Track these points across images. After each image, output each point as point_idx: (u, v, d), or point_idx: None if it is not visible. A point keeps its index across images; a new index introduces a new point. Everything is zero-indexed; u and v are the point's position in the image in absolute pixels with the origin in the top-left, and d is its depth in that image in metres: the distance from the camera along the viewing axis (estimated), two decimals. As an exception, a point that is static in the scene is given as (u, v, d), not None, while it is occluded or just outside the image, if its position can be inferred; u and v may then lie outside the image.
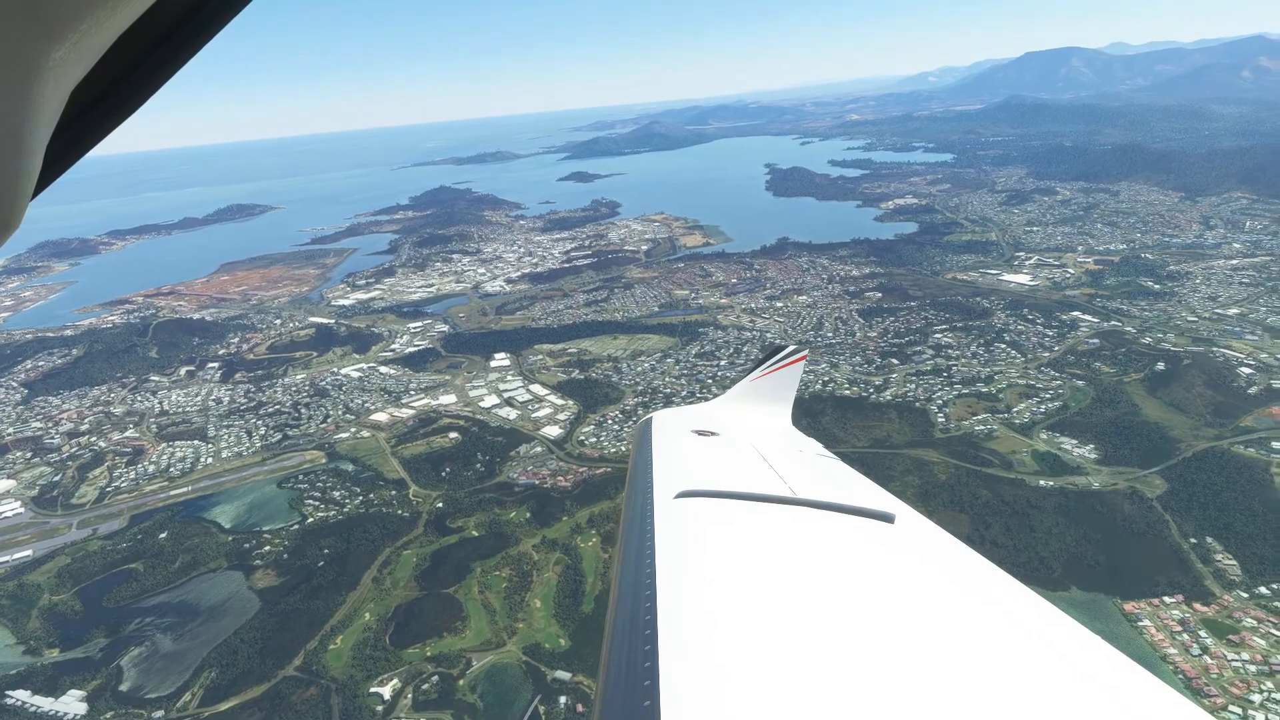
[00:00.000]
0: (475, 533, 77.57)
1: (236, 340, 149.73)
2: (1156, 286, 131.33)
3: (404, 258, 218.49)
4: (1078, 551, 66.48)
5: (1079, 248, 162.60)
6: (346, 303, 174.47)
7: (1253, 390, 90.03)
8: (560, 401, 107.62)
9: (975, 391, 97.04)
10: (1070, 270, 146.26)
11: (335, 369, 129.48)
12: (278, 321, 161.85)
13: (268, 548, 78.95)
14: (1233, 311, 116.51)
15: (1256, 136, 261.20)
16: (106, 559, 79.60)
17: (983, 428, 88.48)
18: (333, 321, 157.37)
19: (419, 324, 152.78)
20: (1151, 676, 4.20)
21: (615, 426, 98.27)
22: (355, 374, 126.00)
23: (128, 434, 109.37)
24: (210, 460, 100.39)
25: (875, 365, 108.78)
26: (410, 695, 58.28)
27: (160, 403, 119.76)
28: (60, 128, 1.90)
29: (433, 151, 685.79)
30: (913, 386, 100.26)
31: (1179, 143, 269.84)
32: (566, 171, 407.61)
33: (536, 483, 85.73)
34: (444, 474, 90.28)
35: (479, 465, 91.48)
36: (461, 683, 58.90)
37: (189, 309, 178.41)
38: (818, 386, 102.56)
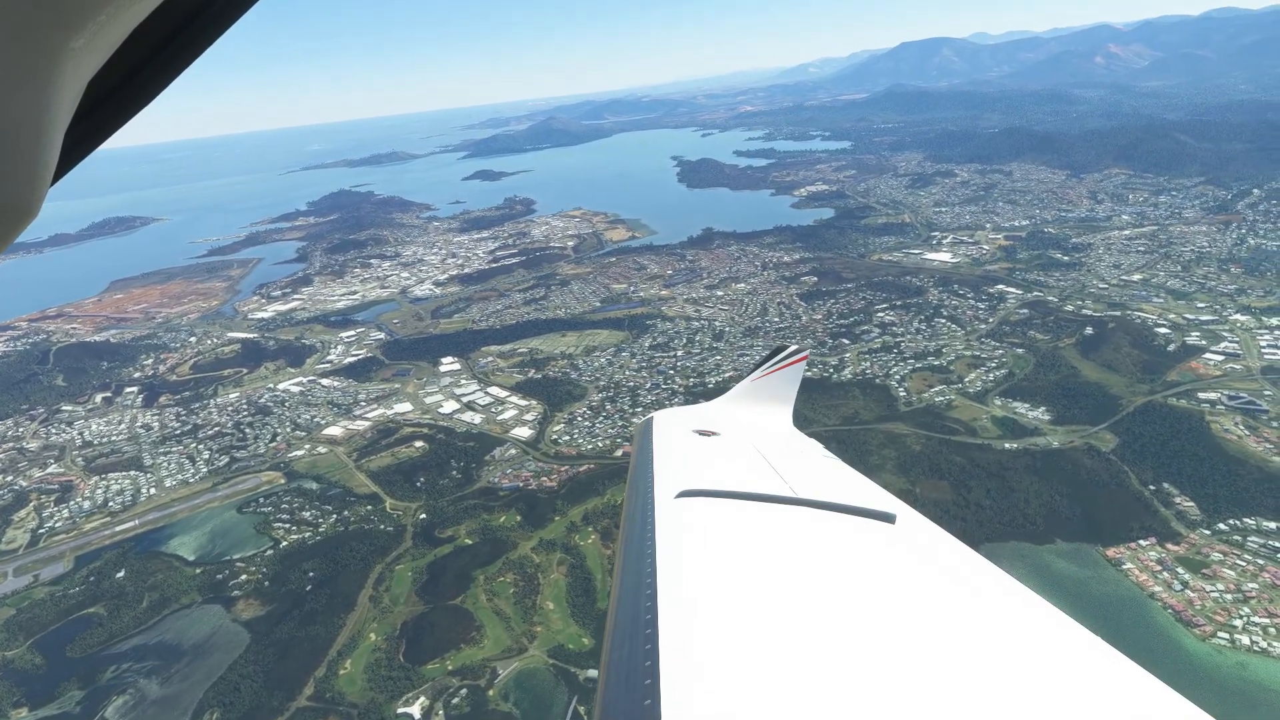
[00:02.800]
0: (468, 541, 75.66)
1: (150, 362, 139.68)
2: (1065, 258, 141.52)
3: (318, 265, 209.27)
4: (1054, 506, 71.29)
5: (987, 225, 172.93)
6: (265, 315, 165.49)
7: (1171, 348, 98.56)
8: (523, 402, 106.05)
9: (928, 365, 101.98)
10: (985, 247, 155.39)
11: (271, 385, 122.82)
12: (192, 339, 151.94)
13: (244, 576, 74.45)
14: (1136, 277, 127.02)
15: (1119, 117, 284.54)
16: (59, 606, 73.08)
17: (941, 399, 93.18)
18: (258, 336, 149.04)
19: (352, 333, 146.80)
20: (1152, 677, 4.25)
21: (586, 423, 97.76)
22: (295, 389, 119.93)
23: (50, 470, 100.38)
24: (153, 491, 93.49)
25: (828, 346, 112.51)
26: (441, 711, 56.45)
27: (80, 434, 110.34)
28: (76, 119, 1.90)
29: (319, 154, 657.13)
30: (868, 364, 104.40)
31: (1053, 124, 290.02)
32: (470, 170, 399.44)
33: (521, 485, 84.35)
34: (419, 484, 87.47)
35: (454, 473, 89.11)
36: (492, 693, 57.55)
37: (86, 331, 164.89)
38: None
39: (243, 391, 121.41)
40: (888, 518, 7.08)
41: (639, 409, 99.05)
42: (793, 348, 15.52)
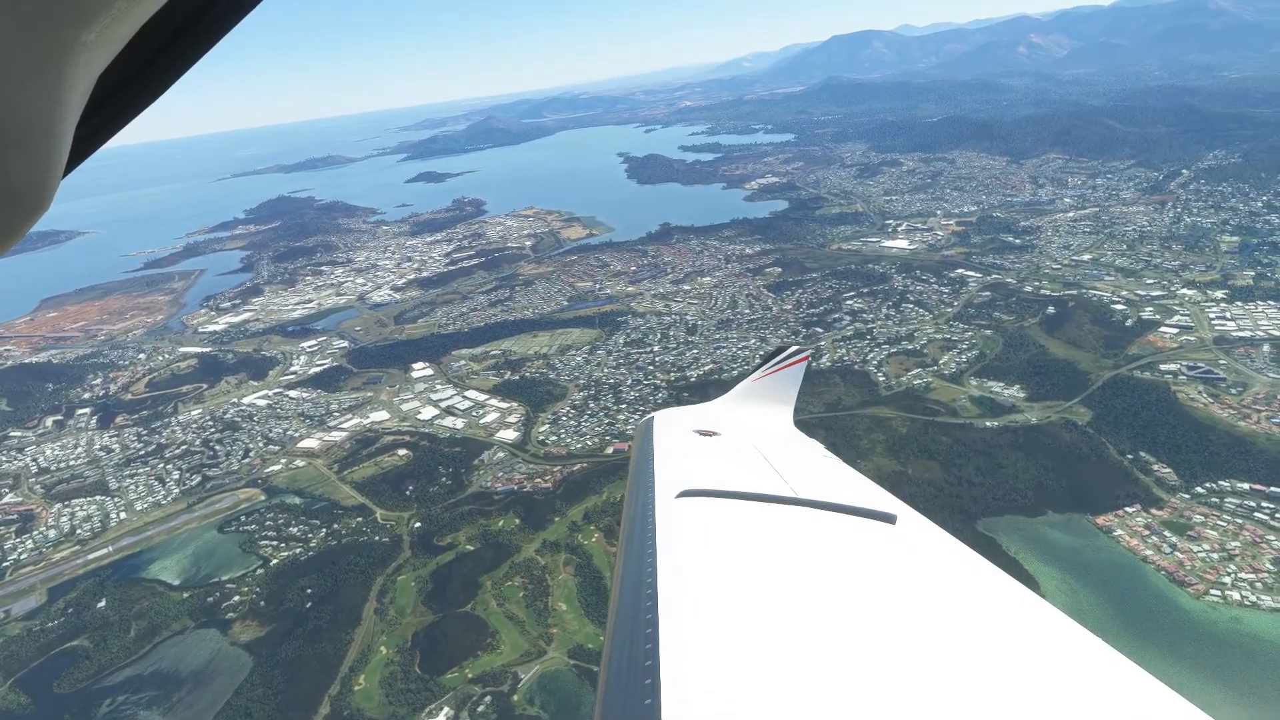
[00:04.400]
0: (469, 547, 74.64)
1: (99, 381, 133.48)
2: (1017, 241, 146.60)
3: (266, 275, 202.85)
4: (1041, 479, 73.99)
5: (938, 212, 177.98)
6: (217, 328, 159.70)
7: (1129, 323, 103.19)
8: (503, 404, 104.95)
9: (902, 349, 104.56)
10: (939, 233, 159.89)
11: (235, 399, 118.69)
12: (142, 356, 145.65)
13: (236, 598, 71.99)
14: (1086, 257, 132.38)
15: (1047, 105, 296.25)
16: (38, 641, 69.50)
17: (920, 381, 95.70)
18: (213, 349, 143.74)
19: (312, 342, 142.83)
20: (1152, 678, 4.29)
21: (571, 423, 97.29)
22: (261, 402, 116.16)
23: (6, 499, 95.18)
24: (124, 515, 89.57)
25: (801, 335, 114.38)
26: (468, 720, 55.77)
27: (34, 460, 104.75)
28: (85, 113, 1.94)
29: (250, 160, 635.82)
30: (844, 351, 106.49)
31: (987, 113, 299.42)
32: (413, 172, 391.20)
33: (515, 488, 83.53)
34: (408, 493, 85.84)
35: (444, 479, 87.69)
36: (516, 698, 56.99)
37: (23, 353, 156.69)
38: (757, 362, 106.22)
39: (205, 407, 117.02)
40: (888, 518, 7.11)
41: (623, 406, 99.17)
42: (793, 348, 15.54)
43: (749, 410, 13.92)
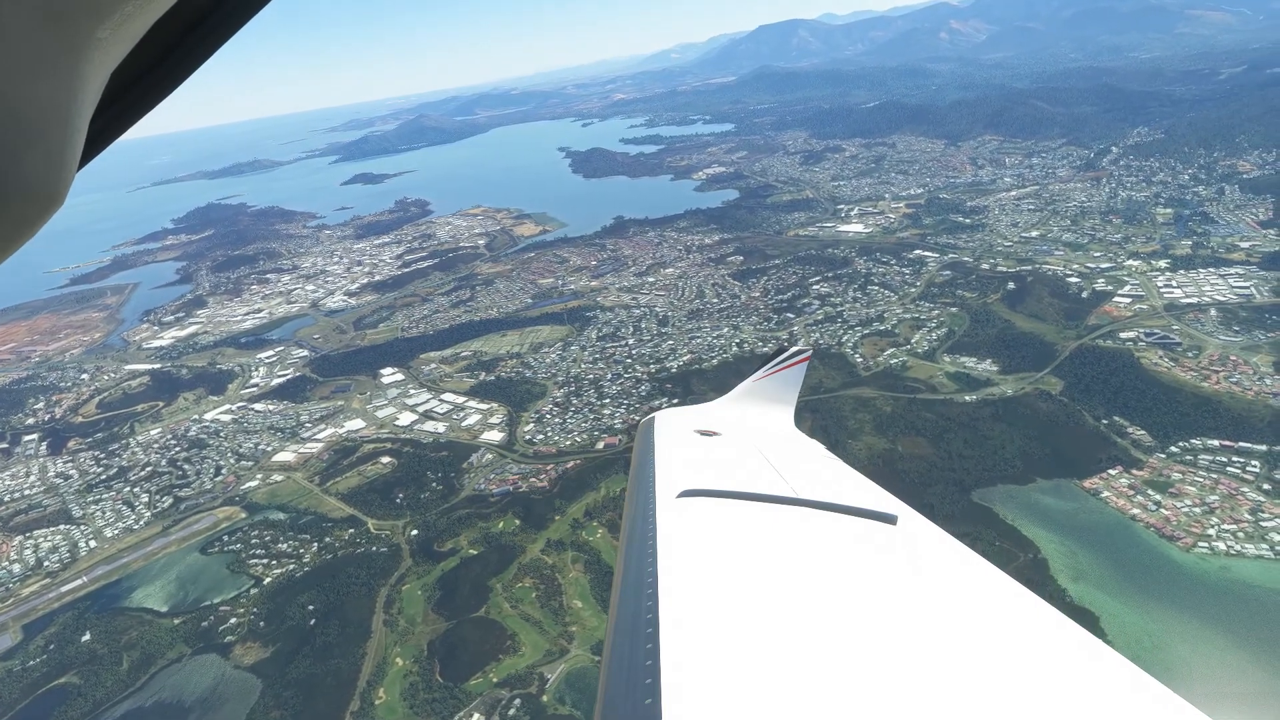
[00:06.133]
0: (473, 551, 73.56)
1: (42, 406, 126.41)
2: (967, 221, 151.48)
3: (208, 285, 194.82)
4: (1026, 448, 76.92)
5: (886, 195, 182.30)
6: (162, 343, 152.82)
7: (1085, 295, 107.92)
8: (483, 406, 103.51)
9: (874, 330, 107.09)
10: (891, 215, 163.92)
11: (196, 416, 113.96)
12: (85, 376, 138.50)
13: (233, 620, 69.43)
14: (1034, 234, 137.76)
15: (975, 88, 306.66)
16: (21, 681, 65.70)
17: (896, 360, 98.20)
18: (164, 365, 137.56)
19: (270, 353, 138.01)
20: (1155, 681, 4.29)
21: (556, 420, 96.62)
22: (225, 417, 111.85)
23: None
24: (93, 544, 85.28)
25: (774, 321, 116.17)
26: (500, 724, 55.12)
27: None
28: (99, 109, 1.98)
29: (169, 167, 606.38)
30: (818, 335, 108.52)
31: (919, 98, 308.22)
32: (347, 174, 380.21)
33: (511, 489, 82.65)
34: (399, 501, 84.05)
35: (434, 485, 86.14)
36: (546, 698, 56.59)
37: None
38: (735, 350, 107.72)
39: (165, 426, 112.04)
40: (889, 519, 7.14)
41: (606, 401, 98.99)
42: (795, 349, 15.54)
43: (750, 410, 13.99)
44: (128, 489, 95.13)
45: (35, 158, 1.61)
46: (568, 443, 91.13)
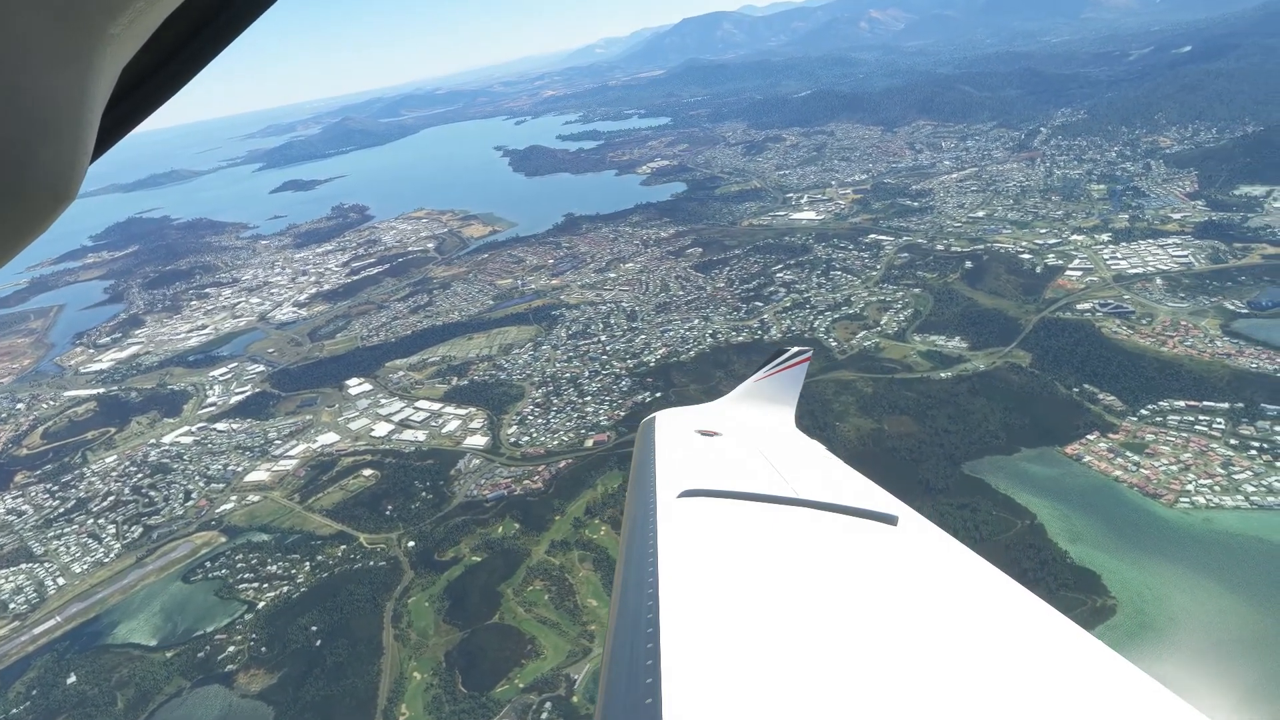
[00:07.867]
0: (476, 558, 72.43)
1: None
2: (915, 204, 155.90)
3: (142, 304, 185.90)
4: (1007, 420, 79.92)
5: (833, 182, 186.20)
6: (101, 367, 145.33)
7: (1038, 270, 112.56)
8: (461, 411, 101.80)
9: (844, 315, 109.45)
10: (840, 202, 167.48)
11: (153, 440, 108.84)
12: (21, 406, 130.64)
13: (231, 648, 66.79)
14: (981, 214, 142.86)
15: (900, 75, 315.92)
16: (7, 732, 62.01)
17: (869, 343, 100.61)
18: (109, 390, 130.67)
19: (223, 370, 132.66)
20: (1155, 682, 4.30)
21: (539, 421, 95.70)
22: (186, 439, 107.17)
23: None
24: (61, 581, 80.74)
25: (744, 311, 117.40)
26: (534, 729, 54.54)
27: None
28: (109, 106, 1.97)
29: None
30: (790, 321, 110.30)
31: (849, 85, 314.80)
32: (275, 182, 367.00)
33: (505, 492, 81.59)
34: (388, 513, 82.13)
35: (424, 494, 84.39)
36: (576, 699, 56.27)
37: None
38: (709, 341, 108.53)
39: (121, 453, 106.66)
40: (889, 519, 7.16)
41: (588, 398, 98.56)
42: (795, 349, 15.45)
43: (750, 411, 14.00)
44: (91, 521, 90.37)
45: (48, 153, 1.60)
46: (555, 443, 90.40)
